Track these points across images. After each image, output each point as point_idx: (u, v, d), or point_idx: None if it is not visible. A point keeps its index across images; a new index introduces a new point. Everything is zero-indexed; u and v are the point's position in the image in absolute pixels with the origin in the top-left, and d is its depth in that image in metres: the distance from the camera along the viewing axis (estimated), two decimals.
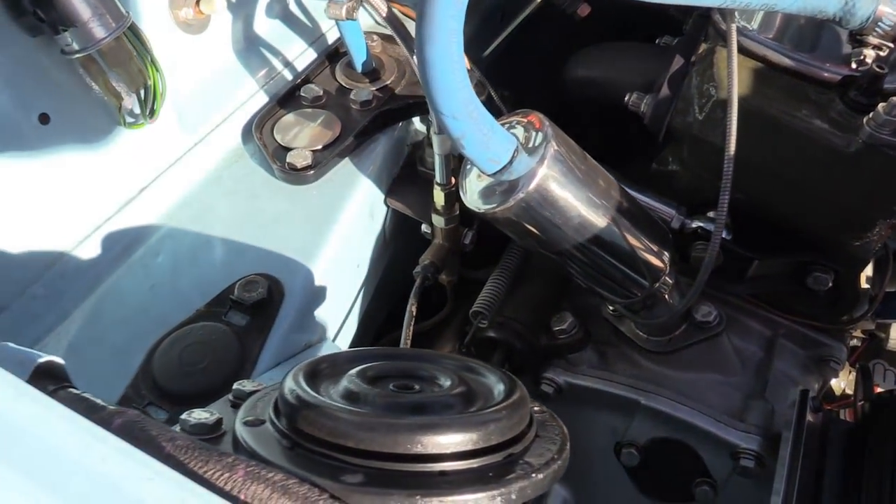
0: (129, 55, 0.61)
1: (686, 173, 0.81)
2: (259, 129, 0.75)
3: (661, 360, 0.82)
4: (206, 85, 0.73)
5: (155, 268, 0.63)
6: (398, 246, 0.81)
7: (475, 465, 0.36)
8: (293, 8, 0.84)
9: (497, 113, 0.87)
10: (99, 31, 0.57)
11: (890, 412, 0.71)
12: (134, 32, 0.62)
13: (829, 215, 0.74)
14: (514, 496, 0.36)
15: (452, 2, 0.52)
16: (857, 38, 0.61)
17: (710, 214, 0.78)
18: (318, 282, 0.65)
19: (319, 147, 0.74)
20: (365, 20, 0.85)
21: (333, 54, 0.85)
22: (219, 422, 0.42)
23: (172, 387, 0.56)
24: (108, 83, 0.62)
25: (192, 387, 0.56)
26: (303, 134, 0.75)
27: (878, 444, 0.69)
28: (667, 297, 0.76)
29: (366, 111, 0.78)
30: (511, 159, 0.59)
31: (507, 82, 1.00)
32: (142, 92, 0.64)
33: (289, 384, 0.40)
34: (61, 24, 0.57)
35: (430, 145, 0.77)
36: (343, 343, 0.74)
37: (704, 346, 0.82)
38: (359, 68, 0.81)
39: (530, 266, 0.87)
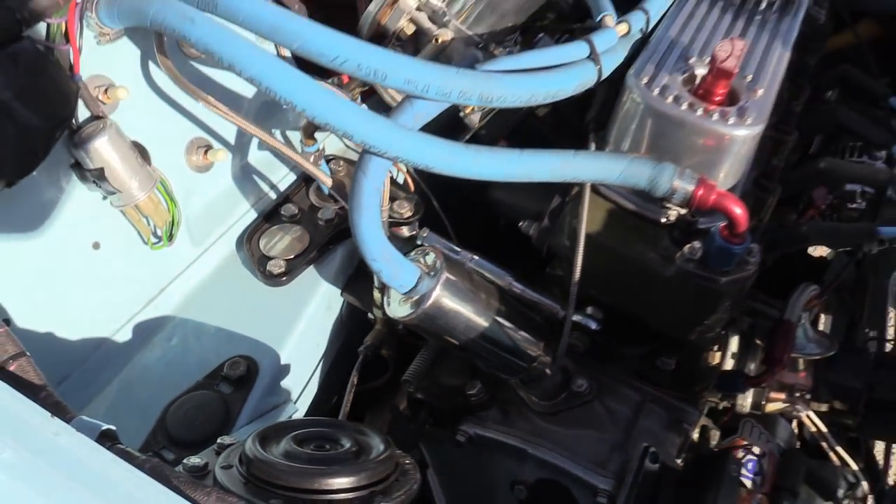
0: (157, 203, 0.88)
1: (568, 278, 1.07)
2: (248, 242, 1.01)
3: (548, 419, 1.06)
4: (209, 209, 1.00)
5: (169, 349, 0.89)
6: (352, 328, 1.07)
7: (350, 497, 0.61)
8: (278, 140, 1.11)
9: (440, 224, 1.14)
10: (138, 193, 0.84)
11: (700, 467, 0.95)
12: (162, 183, 0.89)
13: (664, 321, 0.99)
14: None
15: (373, 187, 0.79)
16: (662, 204, 0.86)
17: (588, 310, 1.04)
18: (284, 360, 0.91)
19: (292, 256, 1.00)
20: (336, 144, 1.12)
21: (309, 176, 1.12)
22: (206, 465, 0.67)
23: (179, 436, 0.81)
24: (140, 222, 0.89)
25: (192, 437, 0.81)
26: (280, 245, 1.02)
27: (694, 493, 0.94)
28: (548, 371, 1.02)
29: (329, 227, 1.05)
30: (415, 284, 0.85)
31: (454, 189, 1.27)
32: (166, 222, 0.91)
33: (248, 445, 0.66)
34: (110, 190, 0.84)
35: None
36: (305, 401, 1.00)
37: (581, 409, 1.07)
38: (326, 192, 1.08)
39: None
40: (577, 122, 1.11)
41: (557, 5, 1.11)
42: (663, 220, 0.91)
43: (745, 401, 1.14)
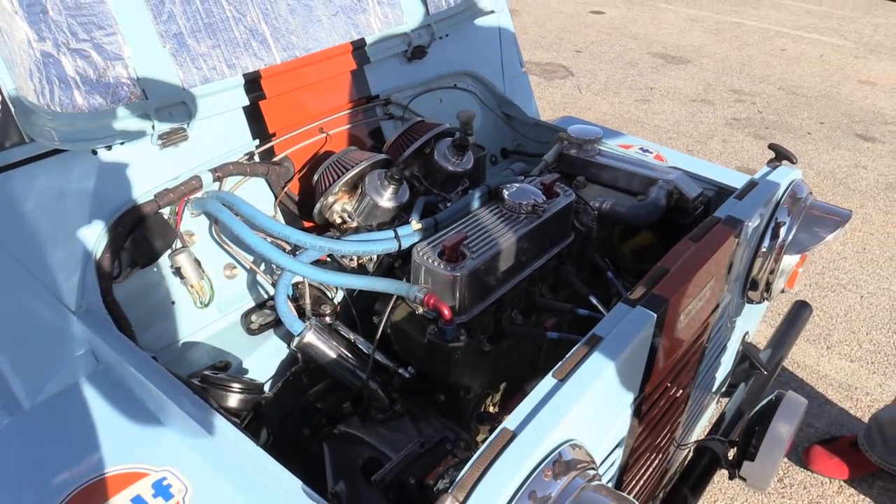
0: (201, 287, 1.95)
1: (396, 342, 1.99)
2: (245, 316, 2.05)
3: (382, 424, 1.93)
4: (232, 296, 2.06)
5: (197, 353, 1.91)
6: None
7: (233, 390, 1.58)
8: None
9: (353, 320, 2.12)
10: (193, 281, 1.92)
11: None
12: (205, 279, 1.97)
13: (432, 370, 1.88)
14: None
15: (285, 285, 1.82)
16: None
17: (409, 368, 1.95)
18: (245, 366, 1.91)
19: (263, 323, 2.03)
20: None
21: None
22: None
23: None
24: (194, 295, 1.96)
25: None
26: (261, 319, 2.05)
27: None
28: (378, 395, 1.92)
29: None
30: (300, 332, 1.84)
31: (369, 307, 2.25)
32: (206, 298, 1.98)
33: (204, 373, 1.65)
34: (182, 277, 1.92)
35: None
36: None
37: (399, 421, 1.94)
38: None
39: None
40: None
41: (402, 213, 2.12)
42: (419, 311, 1.84)
43: None
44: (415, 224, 1.93)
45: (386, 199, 2.00)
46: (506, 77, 3.00)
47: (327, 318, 2.03)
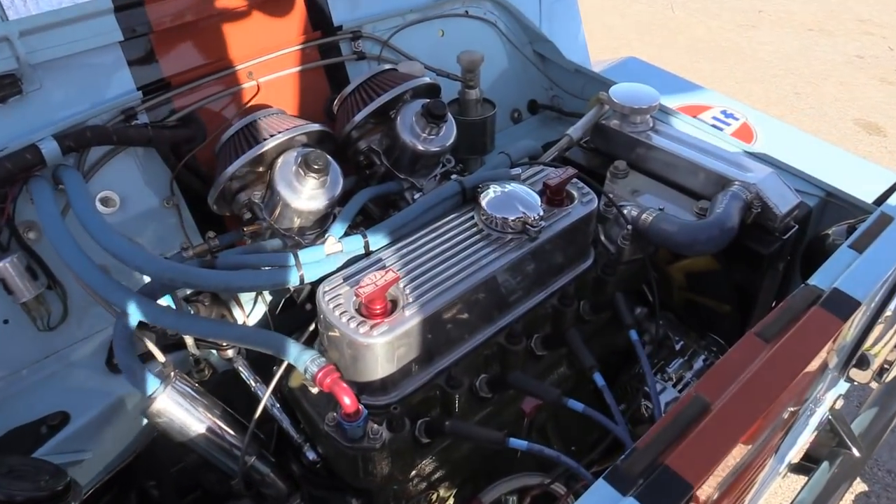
0: (39, 304, 1.38)
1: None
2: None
3: None
4: (94, 310, 1.49)
5: (35, 399, 1.37)
6: None
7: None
8: None
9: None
10: (23, 297, 1.35)
11: None
12: (43, 294, 1.39)
13: (338, 469, 1.28)
14: None
15: (123, 337, 1.22)
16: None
17: (318, 448, 1.35)
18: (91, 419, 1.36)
19: None
20: None
21: None
22: None
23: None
24: (31, 314, 1.40)
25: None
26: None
27: None
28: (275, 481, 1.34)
29: None
30: (152, 393, 1.25)
31: None
32: (50, 318, 1.41)
33: None
34: (9, 291, 1.35)
35: None
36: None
37: None
38: None
39: None
40: None
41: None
42: (313, 391, 1.22)
43: None
44: (329, 244, 1.27)
45: (304, 198, 1.35)
46: (543, 1, 2.21)
47: (229, 353, 1.43)
